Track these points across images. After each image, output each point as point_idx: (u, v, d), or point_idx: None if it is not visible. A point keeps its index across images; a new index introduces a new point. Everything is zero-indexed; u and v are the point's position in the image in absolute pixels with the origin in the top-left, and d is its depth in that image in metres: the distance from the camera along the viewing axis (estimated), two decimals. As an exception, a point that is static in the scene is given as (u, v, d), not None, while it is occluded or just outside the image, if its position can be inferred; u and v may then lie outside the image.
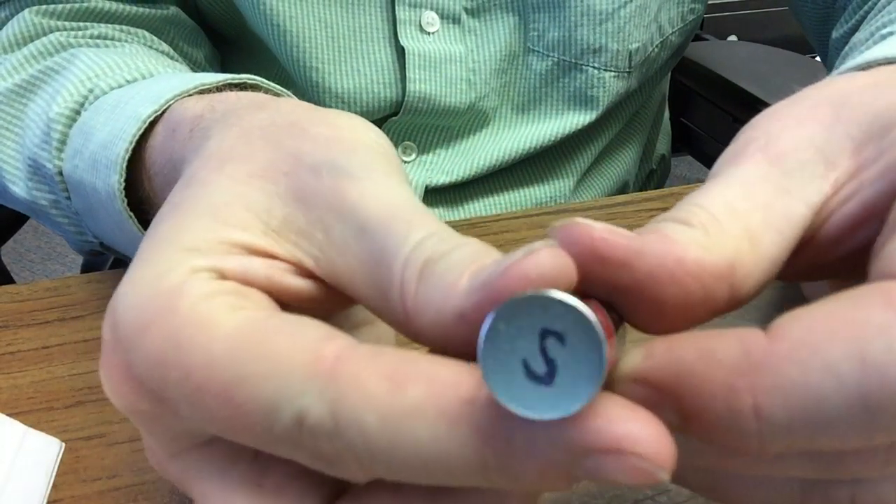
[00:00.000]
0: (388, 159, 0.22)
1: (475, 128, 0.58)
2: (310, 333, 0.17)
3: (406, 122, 0.55)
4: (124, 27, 0.49)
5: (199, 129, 0.25)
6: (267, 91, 0.31)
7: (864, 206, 0.20)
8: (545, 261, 0.16)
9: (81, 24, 0.48)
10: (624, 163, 0.66)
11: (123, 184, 0.31)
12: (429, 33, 0.53)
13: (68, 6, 0.47)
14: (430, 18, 0.53)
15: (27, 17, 0.46)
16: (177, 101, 0.30)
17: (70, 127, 0.38)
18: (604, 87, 0.56)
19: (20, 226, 0.90)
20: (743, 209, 0.19)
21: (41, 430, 0.31)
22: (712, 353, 0.16)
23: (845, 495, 0.19)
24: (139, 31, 0.49)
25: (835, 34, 0.54)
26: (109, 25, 0.49)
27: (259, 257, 0.20)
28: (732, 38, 2.06)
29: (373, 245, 0.19)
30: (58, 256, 1.92)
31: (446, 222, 0.19)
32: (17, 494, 0.29)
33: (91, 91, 0.38)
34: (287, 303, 0.20)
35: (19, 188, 0.41)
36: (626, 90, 0.58)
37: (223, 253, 0.20)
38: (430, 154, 0.58)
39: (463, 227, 0.45)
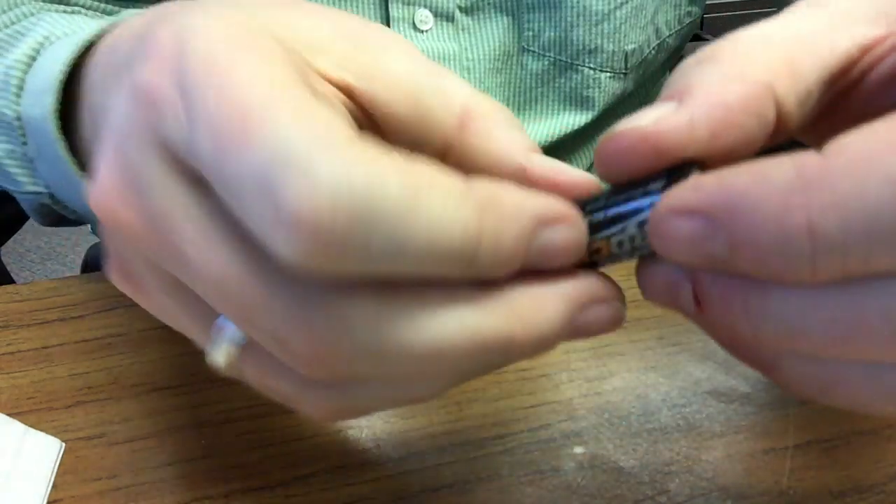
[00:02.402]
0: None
1: (471, 127, 0.58)
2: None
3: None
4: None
5: (160, 11, 0.23)
6: None
7: None
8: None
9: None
10: (622, 163, 0.66)
11: (57, 105, 0.31)
12: (422, 31, 0.53)
13: (54, 6, 0.47)
14: (424, 16, 0.53)
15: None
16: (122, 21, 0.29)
17: (27, 73, 0.37)
18: (600, 88, 0.56)
19: (20, 226, 0.90)
20: (780, 38, 0.20)
21: (41, 430, 0.32)
22: (765, 176, 0.16)
23: None
24: None
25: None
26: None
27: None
28: (731, 36, 2.05)
29: (417, 69, 0.21)
30: (58, 256, 1.92)
31: None
32: (17, 494, 0.29)
33: (47, 38, 0.38)
34: None
35: None
36: (623, 91, 0.59)
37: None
38: (427, 153, 0.58)
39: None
